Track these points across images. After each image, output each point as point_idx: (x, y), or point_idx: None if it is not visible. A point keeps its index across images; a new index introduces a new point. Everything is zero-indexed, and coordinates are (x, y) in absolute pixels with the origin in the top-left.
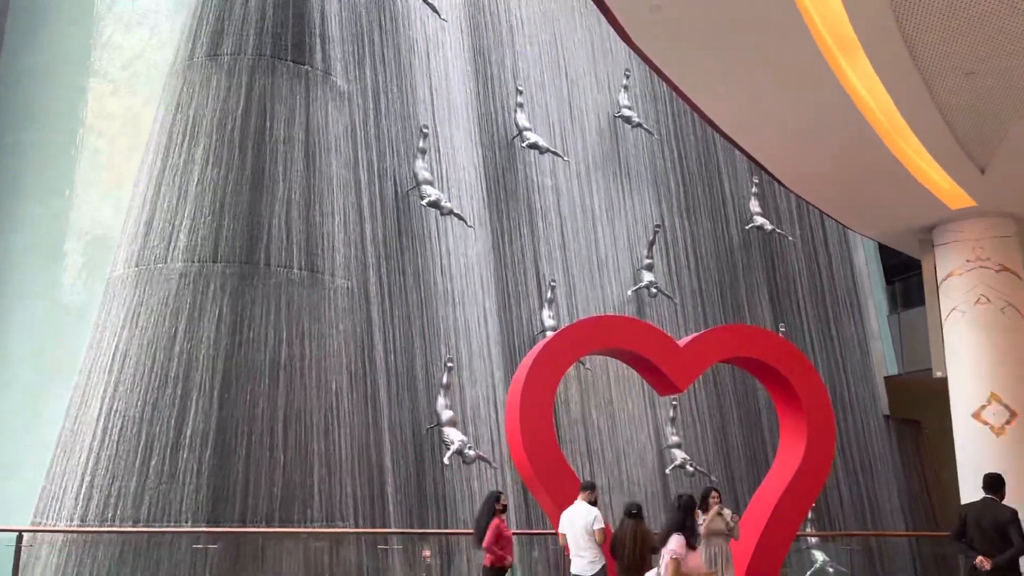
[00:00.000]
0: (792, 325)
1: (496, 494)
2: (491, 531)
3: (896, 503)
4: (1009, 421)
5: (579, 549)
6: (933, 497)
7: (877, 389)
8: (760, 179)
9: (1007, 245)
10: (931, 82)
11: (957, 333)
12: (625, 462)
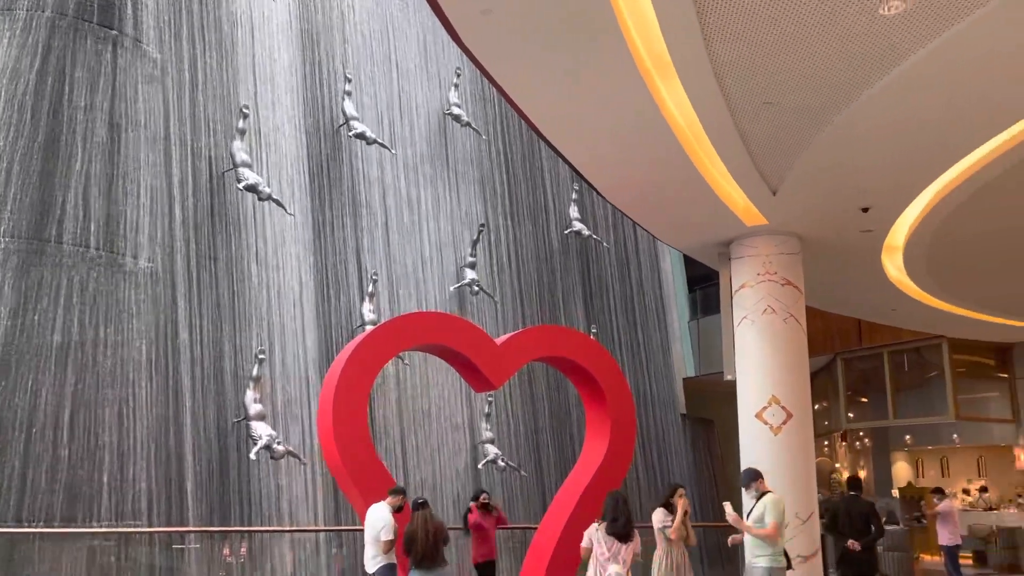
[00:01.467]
0: (603, 327)
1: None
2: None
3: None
4: (785, 421)
5: (368, 547)
6: (719, 489)
7: (676, 389)
8: (580, 186)
9: (792, 262)
10: (735, 109)
11: (746, 340)
12: (440, 457)
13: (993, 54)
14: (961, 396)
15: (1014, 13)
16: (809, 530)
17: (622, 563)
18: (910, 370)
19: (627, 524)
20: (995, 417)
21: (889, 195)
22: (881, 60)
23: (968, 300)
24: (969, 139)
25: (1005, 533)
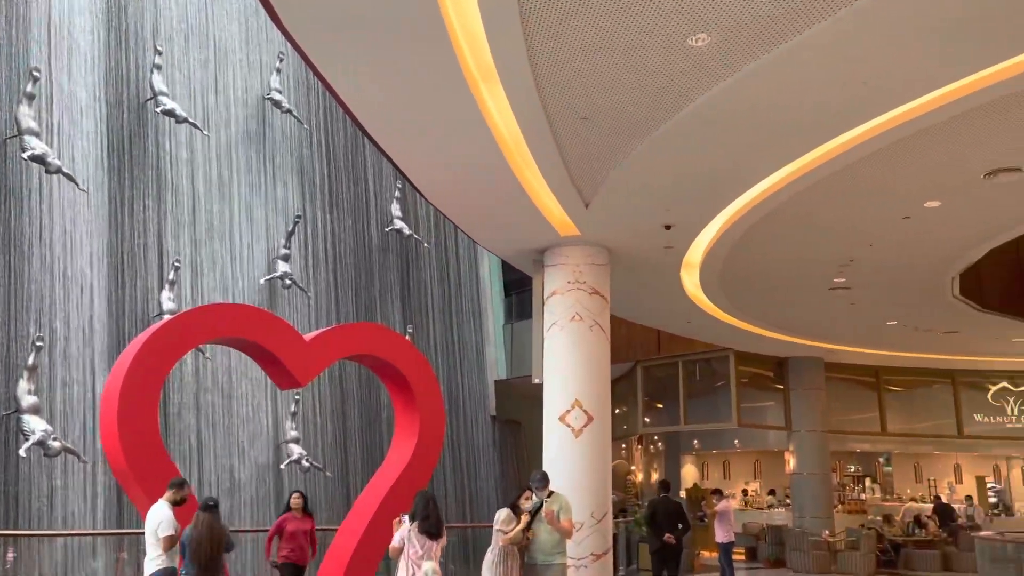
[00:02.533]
0: (420, 327)
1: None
2: None
3: (493, 496)
4: (586, 424)
5: (148, 548)
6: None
7: (488, 391)
8: (403, 185)
9: (601, 272)
10: (554, 121)
11: (554, 345)
12: (239, 456)
13: (786, 89)
14: (743, 404)
15: (806, 54)
16: (602, 529)
17: (435, 559)
18: (701, 379)
19: (438, 523)
20: (771, 424)
21: (689, 216)
22: (686, 90)
23: (753, 316)
24: (758, 169)
25: (773, 530)
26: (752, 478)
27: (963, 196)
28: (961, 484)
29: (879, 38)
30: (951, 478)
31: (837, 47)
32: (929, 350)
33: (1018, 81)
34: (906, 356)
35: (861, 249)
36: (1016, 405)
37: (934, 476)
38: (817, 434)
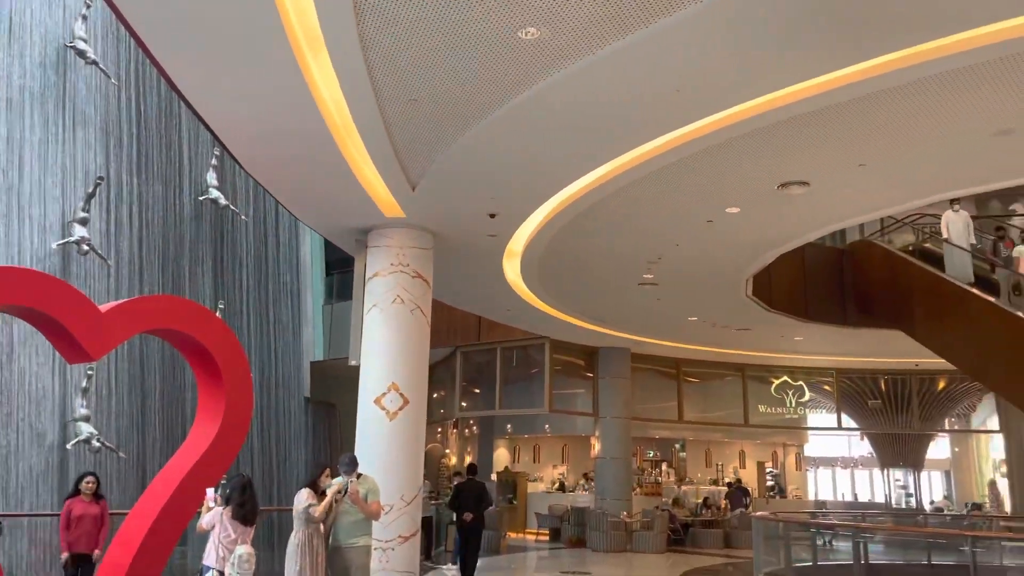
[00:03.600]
0: (232, 303)
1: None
2: None
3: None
4: (402, 407)
5: None
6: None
7: (303, 372)
8: (221, 152)
9: (424, 256)
10: (383, 100)
11: (374, 327)
12: (17, 434)
13: (608, 90)
14: (556, 391)
15: (627, 58)
16: (411, 512)
17: (248, 543)
18: (517, 366)
19: (254, 509)
20: (580, 411)
21: (513, 206)
22: (515, 82)
23: (569, 307)
24: (579, 166)
25: (576, 512)
26: (560, 462)
27: (760, 204)
28: (744, 469)
29: (692, 50)
30: (736, 463)
31: (655, 55)
32: (724, 345)
33: (811, 102)
34: (704, 350)
35: (669, 248)
36: (794, 398)
37: (722, 461)
38: (621, 421)
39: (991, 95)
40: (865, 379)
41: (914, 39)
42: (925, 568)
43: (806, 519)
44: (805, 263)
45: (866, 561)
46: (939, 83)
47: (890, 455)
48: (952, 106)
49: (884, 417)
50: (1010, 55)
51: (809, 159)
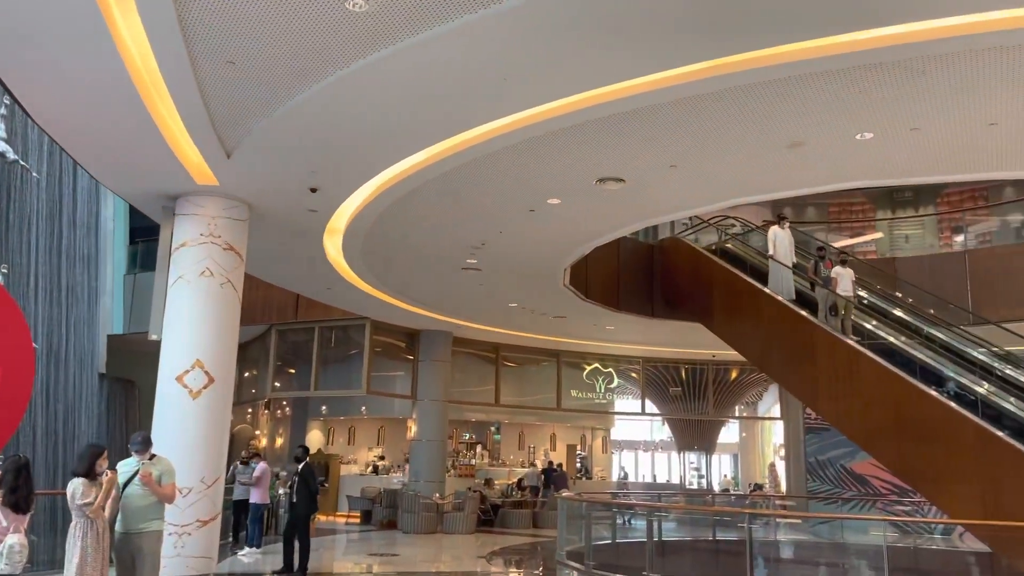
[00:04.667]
0: (18, 268)
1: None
2: None
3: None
4: (206, 386)
5: None
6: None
7: (99, 346)
8: (11, 102)
9: (238, 228)
10: (196, 58)
11: (179, 300)
12: None
13: (435, 71)
14: (374, 373)
15: (455, 40)
16: (212, 495)
17: (23, 532)
18: (336, 346)
19: (29, 496)
20: (398, 393)
21: (336, 181)
22: (341, 54)
23: (391, 288)
24: (404, 146)
25: (389, 494)
26: (376, 444)
27: (579, 197)
28: (555, 451)
29: (514, 42)
30: (548, 446)
31: (479, 42)
32: (542, 331)
33: (626, 103)
34: (522, 335)
35: (492, 235)
36: (604, 384)
37: (535, 444)
38: (439, 403)
39: (788, 109)
40: (668, 368)
41: (722, 50)
42: (710, 543)
43: (607, 499)
44: (620, 256)
45: (659, 538)
46: (745, 94)
47: (686, 439)
48: (755, 116)
49: (683, 404)
50: (809, 73)
51: (625, 157)
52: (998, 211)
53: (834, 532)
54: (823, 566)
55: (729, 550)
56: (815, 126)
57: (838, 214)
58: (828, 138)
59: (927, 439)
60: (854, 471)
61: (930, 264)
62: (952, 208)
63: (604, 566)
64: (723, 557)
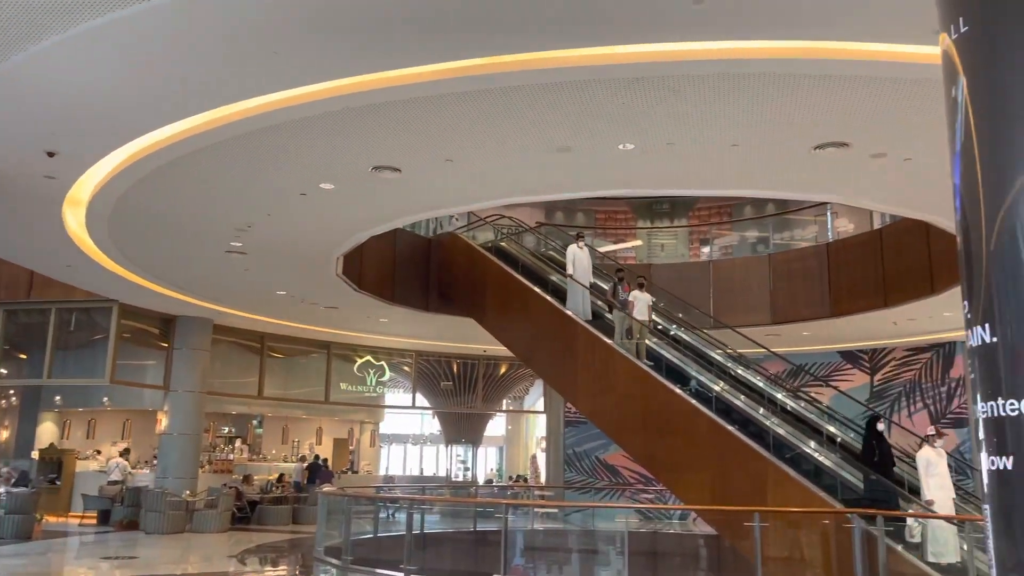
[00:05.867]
0: None
1: None
2: None
3: None
4: None
5: None
6: None
7: None
8: None
9: None
10: None
11: None
12: None
13: (184, 40)
14: (121, 361)
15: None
16: None
17: None
18: (77, 330)
19: None
20: (149, 383)
21: (78, 146)
22: (84, 4)
23: (144, 269)
24: (157, 115)
25: (132, 492)
26: (120, 438)
27: (353, 184)
28: (321, 445)
29: (281, 17)
30: (313, 440)
31: (238, 9)
32: (312, 322)
33: (397, 92)
34: (291, 325)
35: (260, 217)
36: (375, 377)
37: (299, 438)
38: (195, 395)
39: (557, 114)
40: (440, 362)
41: (491, 49)
42: (472, 534)
43: (370, 493)
44: (396, 248)
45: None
46: (517, 95)
47: (454, 432)
48: (527, 118)
49: (453, 397)
50: (575, 81)
51: (401, 146)
52: (739, 227)
53: (586, 520)
54: (575, 552)
55: (489, 540)
56: (581, 133)
57: (604, 221)
58: (593, 146)
59: (669, 432)
60: (607, 462)
61: (680, 272)
62: (701, 222)
63: (362, 561)
64: (483, 547)
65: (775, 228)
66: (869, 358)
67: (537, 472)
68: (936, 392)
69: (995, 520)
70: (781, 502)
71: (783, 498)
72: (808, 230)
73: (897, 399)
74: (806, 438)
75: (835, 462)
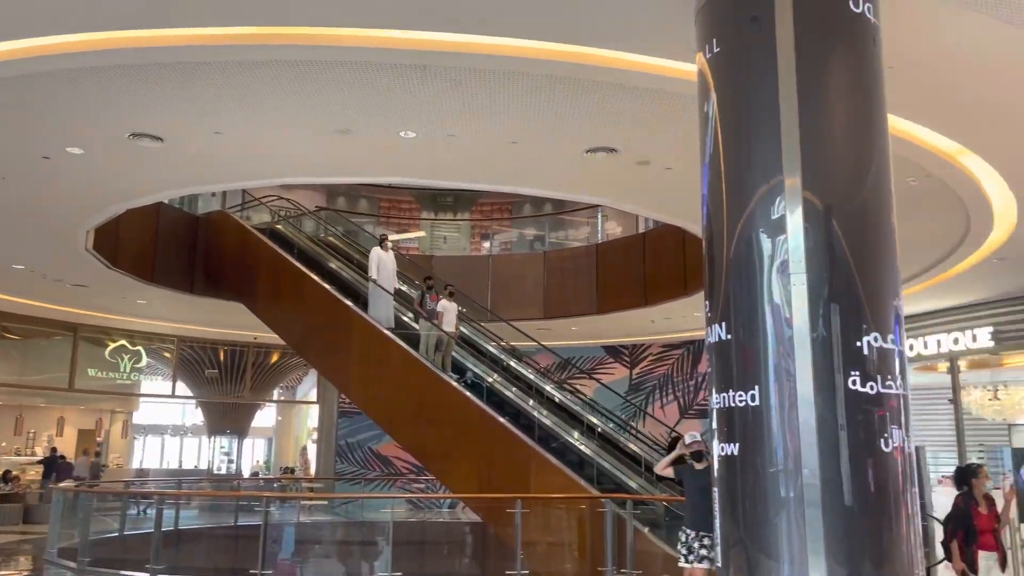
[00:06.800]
0: None
1: None
2: None
3: None
4: None
5: None
6: None
7: None
8: None
9: None
10: None
11: None
12: None
13: None
14: None
15: None
16: None
17: None
18: None
19: None
20: None
21: None
22: None
23: None
24: None
25: None
26: None
27: (108, 150)
28: (62, 437)
29: None
30: (54, 431)
31: None
32: (56, 300)
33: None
34: (30, 304)
35: None
36: (130, 363)
37: (36, 428)
38: None
39: (338, 94)
40: (205, 348)
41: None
42: (233, 529)
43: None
44: (159, 225)
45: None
46: (293, 70)
47: (219, 423)
48: (305, 95)
49: (219, 386)
50: (358, 62)
51: (164, 114)
52: (518, 224)
53: (356, 511)
54: (344, 544)
55: (251, 535)
56: (363, 116)
57: (388, 209)
58: (375, 130)
59: (442, 423)
60: (380, 453)
61: (462, 264)
62: (483, 217)
63: (103, 562)
64: (244, 542)
65: (551, 227)
66: (629, 353)
67: (307, 464)
68: (686, 385)
69: (722, 501)
70: (543, 489)
71: (545, 485)
72: (581, 231)
73: (652, 391)
74: (570, 428)
75: (594, 451)
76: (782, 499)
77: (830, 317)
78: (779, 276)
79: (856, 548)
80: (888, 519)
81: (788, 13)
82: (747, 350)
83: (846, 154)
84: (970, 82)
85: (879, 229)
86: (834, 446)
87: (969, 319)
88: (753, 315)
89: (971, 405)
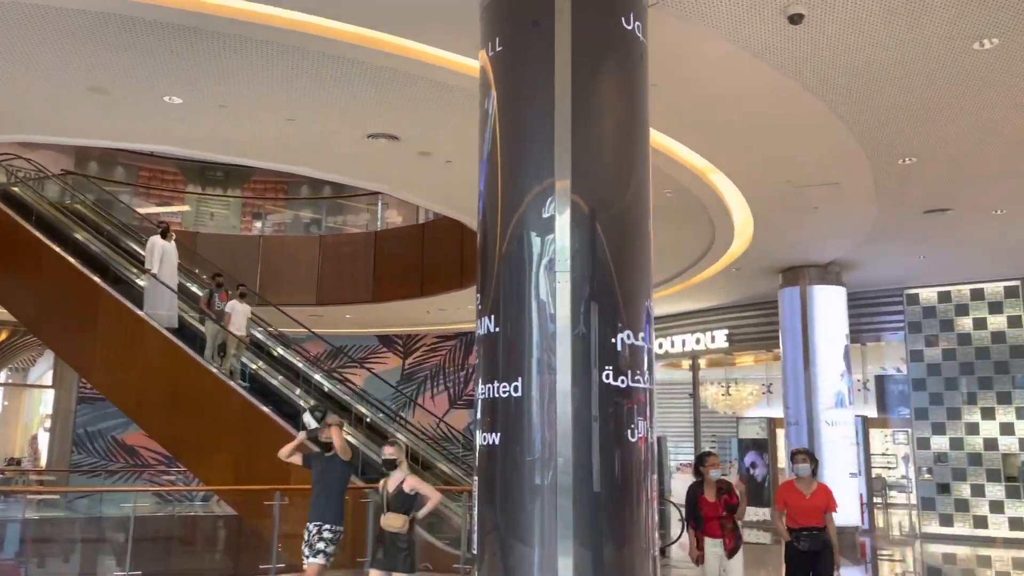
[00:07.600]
0: None
1: None
2: None
3: None
4: None
5: None
6: None
7: None
8: None
9: None
10: None
11: None
12: None
13: None
14: None
15: None
16: None
17: None
18: None
19: None
20: None
21: None
22: None
23: None
24: None
25: None
26: None
27: None
28: None
29: None
30: None
31: None
32: None
33: None
34: None
35: None
36: None
37: None
38: None
39: (89, 50)
40: None
41: None
42: None
43: None
44: None
45: None
46: (38, 13)
47: None
48: (50, 49)
49: None
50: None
51: None
52: (294, 205)
53: (94, 506)
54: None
55: None
56: (120, 75)
57: (149, 179)
58: (134, 92)
59: (198, 412)
60: (125, 442)
61: (229, 244)
62: (256, 195)
63: None
64: None
65: (329, 211)
66: (403, 343)
67: (37, 454)
68: (456, 376)
69: (480, 489)
70: (306, 480)
71: (308, 476)
72: (361, 217)
73: (424, 382)
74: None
75: (361, 441)
76: (537, 487)
77: (590, 314)
78: (546, 274)
79: (600, 532)
80: (630, 504)
81: (567, 21)
82: (513, 343)
83: (612, 161)
84: (721, 107)
85: (637, 234)
86: (587, 436)
87: (709, 322)
88: (521, 310)
89: (707, 399)
